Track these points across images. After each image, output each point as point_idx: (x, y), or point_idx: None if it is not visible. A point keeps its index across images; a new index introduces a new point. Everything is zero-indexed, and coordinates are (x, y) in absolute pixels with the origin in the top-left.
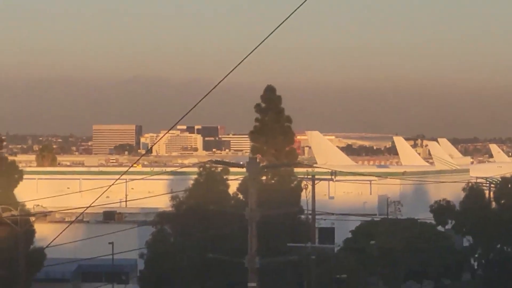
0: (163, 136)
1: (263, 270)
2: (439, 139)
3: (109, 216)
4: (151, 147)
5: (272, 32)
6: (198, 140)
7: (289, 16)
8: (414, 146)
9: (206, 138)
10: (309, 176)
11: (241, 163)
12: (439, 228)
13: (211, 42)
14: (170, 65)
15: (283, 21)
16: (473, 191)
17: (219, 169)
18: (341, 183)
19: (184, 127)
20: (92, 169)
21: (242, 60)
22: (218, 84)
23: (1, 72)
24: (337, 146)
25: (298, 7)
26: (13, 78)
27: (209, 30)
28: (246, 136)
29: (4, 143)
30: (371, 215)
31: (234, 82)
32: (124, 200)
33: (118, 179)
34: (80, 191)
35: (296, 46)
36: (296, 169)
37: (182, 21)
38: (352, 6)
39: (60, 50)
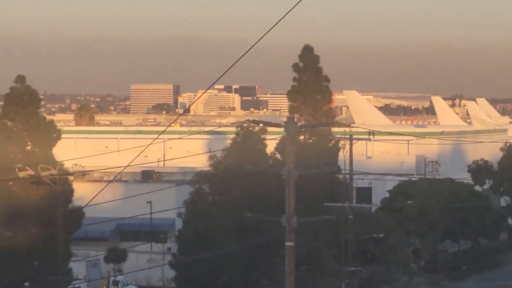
0: (201, 95)
1: (300, 229)
2: (477, 99)
3: (147, 176)
4: (189, 107)
5: None
6: (236, 99)
7: None
8: (452, 106)
9: (244, 98)
10: (346, 136)
11: (279, 122)
12: (477, 188)
13: (249, 1)
14: (209, 24)
15: None
16: (511, 151)
17: (257, 128)
18: (379, 143)
19: (222, 86)
20: (130, 128)
21: (280, 19)
22: (255, 43)
23: (39, 32)
24: (375, 106)
25: None
26: (51, 38)
27: None
28: (284, 95)
29: (42, 102)
30: (408, 175)
31: (272, 42)
32: (162, 159)
33: (157, 138)
34: (118, 151)
35: (334, 6)
36: (333, 129)
37: None
38: None
39: (99, 10)
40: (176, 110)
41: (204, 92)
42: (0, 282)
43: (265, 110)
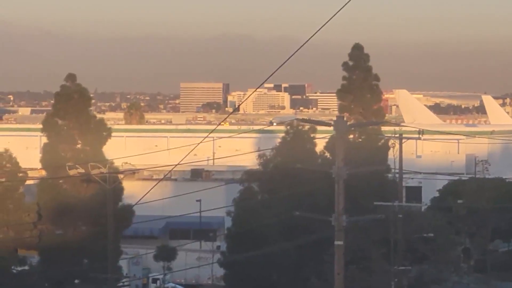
0: (251, 94)
1: (350, 228)
2: None
3: (197, 174)
4: (239, 106)
5: None
6: (285, 98)
7: None
8: (503, 105)
9: (293, 96)
10: (396, 135)
11: (328, 121)
12: None
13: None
14: (258, 22)
15: None
16: None
17: (306, 127)
18: (429, 142)
19: (272, 85)
20: (180, 127)
21: (331, 18)
22: (305, 42)
23: (89, 30)
24: (425, 105)
25: None
26: (101, 36)
27: None
28: (334, 94)
29: (93, 101)
30: (458, 174)
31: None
32: (212, 158)
33: (207, 137)
34: (167, 149)
35: (384, 5)
36: (383, 128)
37: None
38: None
39: (148, 8)
40: (226, 108)
41: (254, 91)
42: (50, 280)
43: (314, 108)
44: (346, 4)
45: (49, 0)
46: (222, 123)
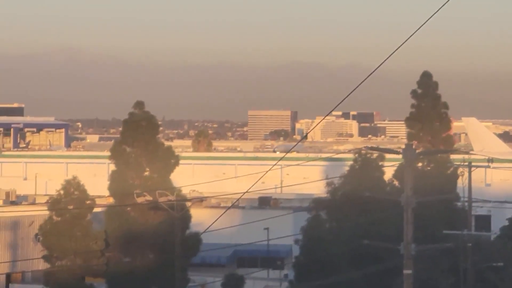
0: (319, 122)
1: (419, 257)
2: None
3: (265, 202)
4: (307, 134)
5: (428, 19)
6: (353, 126)
7: (446, 3)
8: None
9: (362, 124)
10: (465, 163)
11: (397, 149)
12: None
13: (367, 27)
14: (327, 50)
15: (440, 8)
16: None
17: (375, 155)
18: (498, 170)
19: (340, 113)
20: (248, 154)
21: (400, 46)
22: (375, 70)
23: (158, 58)
24: (494, 133)
25: None
26: (170, 64)
27: (365, 17)
28: (402, 122)
29: (161, 128)
30: None
31: (390, 67)
32: (280, 185)
33: (275, 164)
34: (235, 177)
35: (453, 32)
36: (452, 156)
37: (339, 6)
38: None
39: (218, 36)
40: (294, 136)
41: (322, 119)
42: None
43: (383, 136)
44: (415, 32)
45: (119, 28)
46: (291, 151)
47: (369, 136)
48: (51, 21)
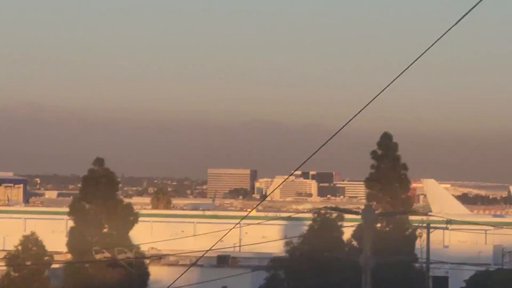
0: (281, 183)
1: None
2: None
3: (223, 260)
4: (267, 194)
5: (391, 82)
6: (312, 185)
7: (410, 66)
8: None
9: (321, 184)
10: (424, 224)
11: (356, 210)
12: None
13: (328, 88)
14: (287, 109)
15: (402, 72)
16: None
17: (334, 215)
18: (456, 232)
19: (299, 172)
20: (207, 212)
21: (362, 109)
22: (337, 132)
23: (118, 115)
24: (453, 195)
25: (417, 59)
26: (129, 121)
27: (326, 78)
28: (362, 182)
29: (120, 185)
30: (486, 265)
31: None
32: (238, 244)
33: (236, 225)
34: (194, 235)
35: (412, 95)
36: (411, 217)
37: (302, 69)
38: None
39: (177, 94)
40: (253, 195)
41: (284, 181)
42: None
43: (342, 196)
44: (378, 95)
45: (78, 85)
46: (248, 210)
47: (328, 196)
48: (11, 76)
